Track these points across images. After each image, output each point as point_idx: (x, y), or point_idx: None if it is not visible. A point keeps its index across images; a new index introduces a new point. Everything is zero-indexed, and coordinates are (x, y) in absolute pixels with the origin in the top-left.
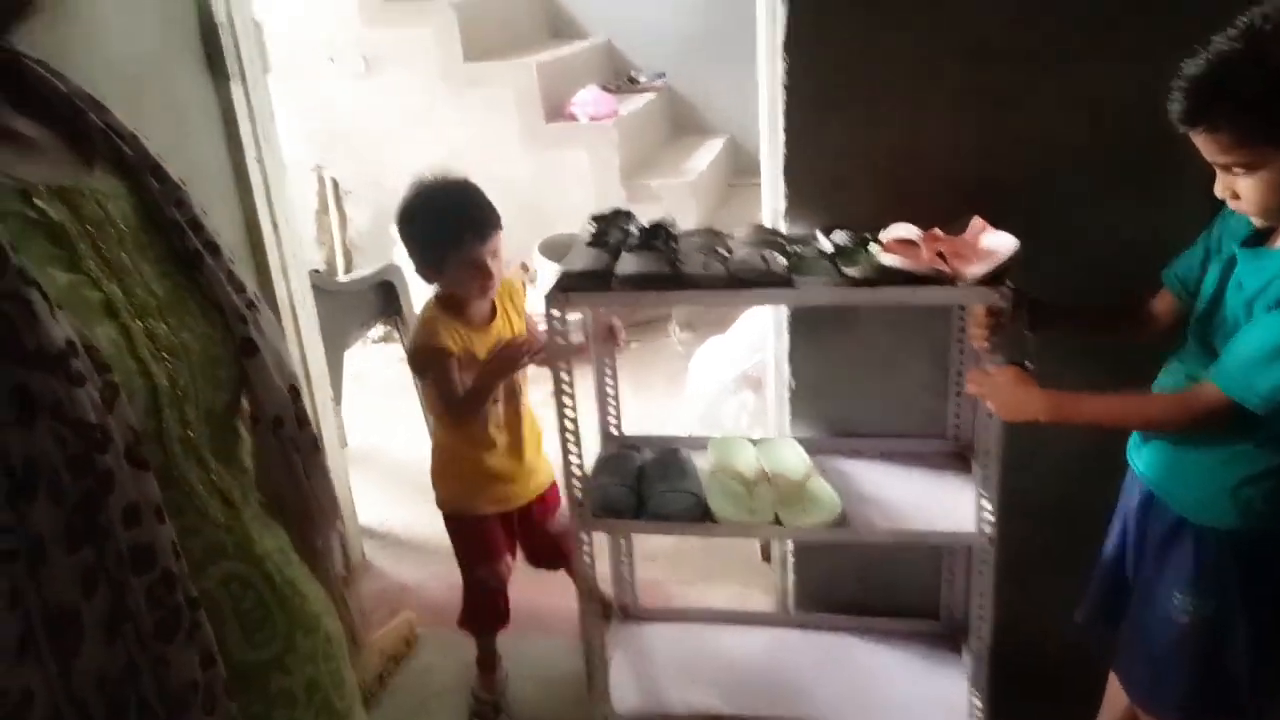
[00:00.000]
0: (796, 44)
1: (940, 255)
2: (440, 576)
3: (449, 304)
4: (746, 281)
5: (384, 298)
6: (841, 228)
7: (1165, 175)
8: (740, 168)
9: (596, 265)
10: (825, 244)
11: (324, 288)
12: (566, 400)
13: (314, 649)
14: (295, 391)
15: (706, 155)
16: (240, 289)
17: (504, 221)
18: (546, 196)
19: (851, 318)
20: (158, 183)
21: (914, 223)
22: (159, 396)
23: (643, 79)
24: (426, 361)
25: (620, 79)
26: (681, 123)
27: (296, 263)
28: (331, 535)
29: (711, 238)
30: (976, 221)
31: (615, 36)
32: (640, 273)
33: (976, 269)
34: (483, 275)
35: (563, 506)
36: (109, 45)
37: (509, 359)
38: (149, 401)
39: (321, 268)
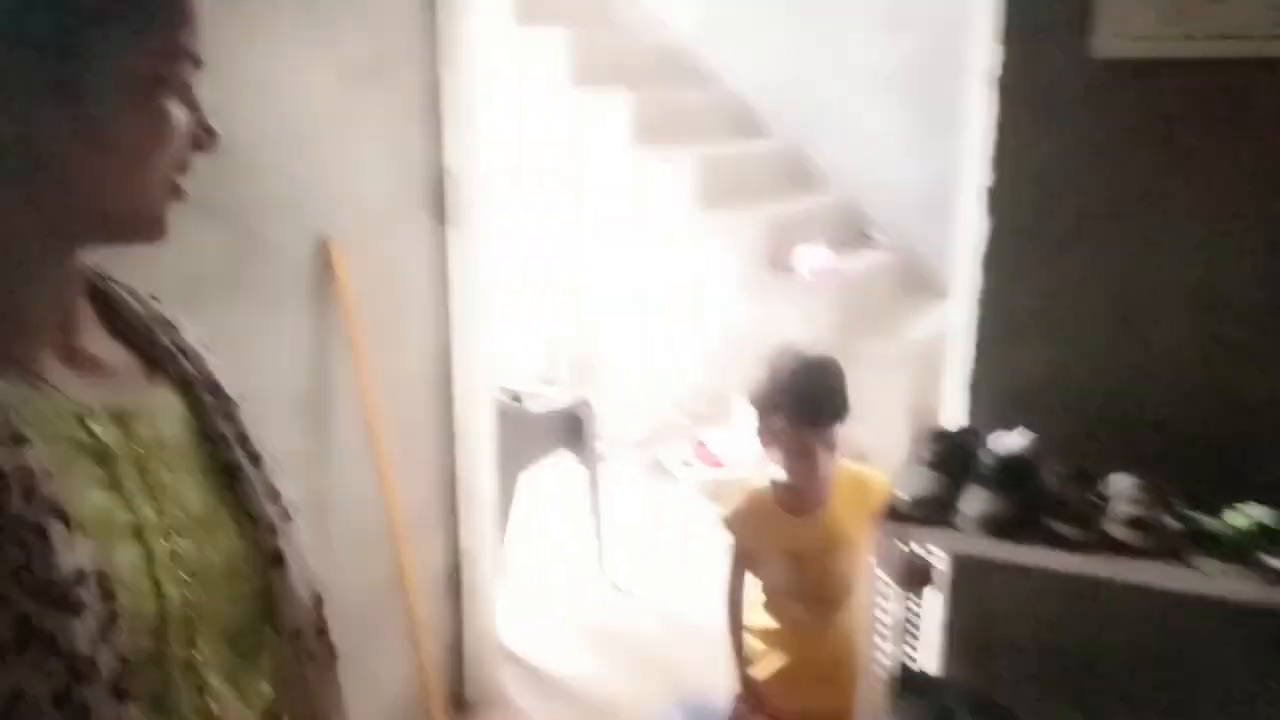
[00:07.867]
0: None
1: None
2: None
3: (779, 493)
4: (1126, 550)
5: (571, 428)
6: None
7: None
8: None
9: (937, 493)
10: (1239, 518)
11: (508, 413)
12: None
13: None
14: (319, 600)
15: (934, 322)
16: (275, 498)
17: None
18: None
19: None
20: (213, 398)
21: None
22: (168, 619)
23: (877, 236)
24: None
25: (853, 234)
26: (914, 283)
27: (483, 385)
28: None
29: (1081, 484)
30: None
31: (855, 191)
32: (992, 514)
33: None
34: (806, 460)
35: None
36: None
37: None
38: (156, 624)
39: (532, 384)
